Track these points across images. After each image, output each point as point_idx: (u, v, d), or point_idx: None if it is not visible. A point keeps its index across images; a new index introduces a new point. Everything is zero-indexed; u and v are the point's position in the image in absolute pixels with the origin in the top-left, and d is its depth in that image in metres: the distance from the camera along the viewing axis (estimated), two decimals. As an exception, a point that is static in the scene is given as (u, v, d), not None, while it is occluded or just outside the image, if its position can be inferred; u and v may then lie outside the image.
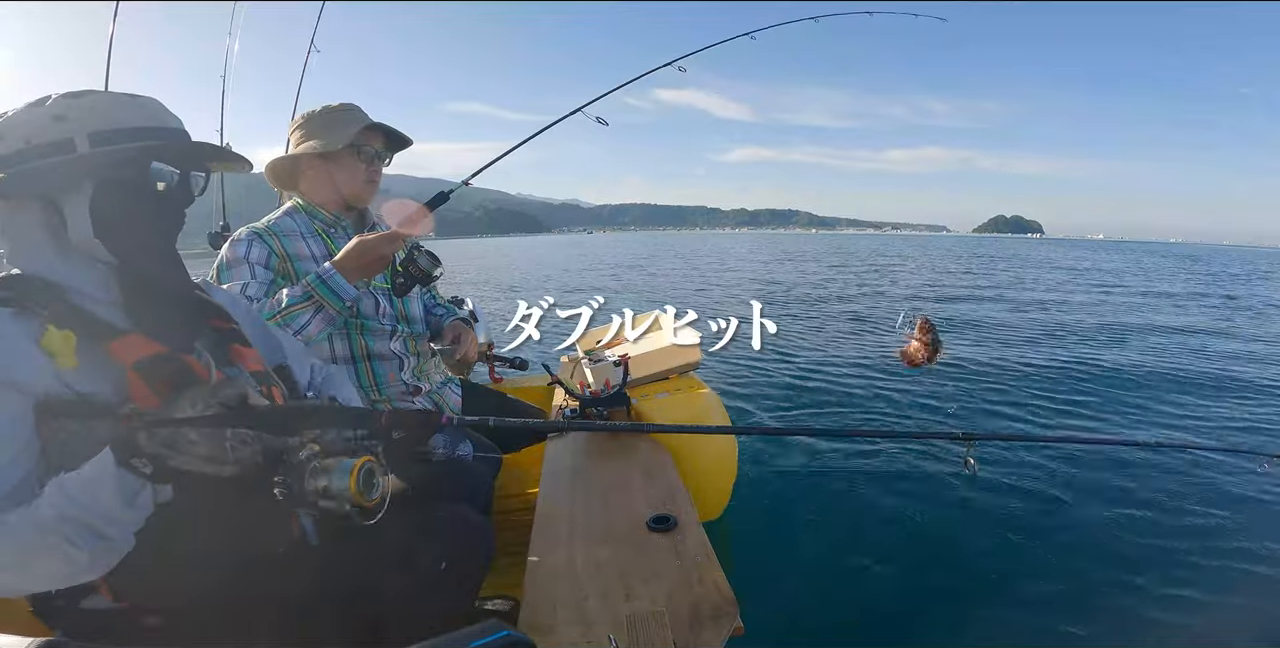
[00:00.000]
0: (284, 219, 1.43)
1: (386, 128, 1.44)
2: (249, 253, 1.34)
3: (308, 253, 1.40)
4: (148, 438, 0.64)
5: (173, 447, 0.64)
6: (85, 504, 0.62)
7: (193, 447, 0.64)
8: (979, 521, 2.39)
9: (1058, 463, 2.89)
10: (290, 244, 1.39)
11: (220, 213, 2.80)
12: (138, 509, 0.65)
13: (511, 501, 2.06)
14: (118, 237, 0.75)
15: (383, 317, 1.45)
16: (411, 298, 1.53)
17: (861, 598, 1.86)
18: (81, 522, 0.62)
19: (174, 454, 0.64)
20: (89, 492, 0.62)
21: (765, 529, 2.28)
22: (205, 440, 0.65)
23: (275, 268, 1.36)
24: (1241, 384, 4.57)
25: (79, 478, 0.63)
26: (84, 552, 0.62)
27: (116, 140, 0.73)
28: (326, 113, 1.43)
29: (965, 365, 4.90)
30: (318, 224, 1.44)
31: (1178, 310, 9.55)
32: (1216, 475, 2.74)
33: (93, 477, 0.63)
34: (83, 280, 0.75)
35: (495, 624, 0.44)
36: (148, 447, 0.64)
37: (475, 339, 1.63)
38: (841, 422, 3.67)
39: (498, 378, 2.66)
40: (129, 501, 0.64)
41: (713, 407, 1.77)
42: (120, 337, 0.72)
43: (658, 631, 0.88)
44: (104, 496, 0.62)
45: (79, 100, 0.74)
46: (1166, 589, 1.94)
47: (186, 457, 0.65)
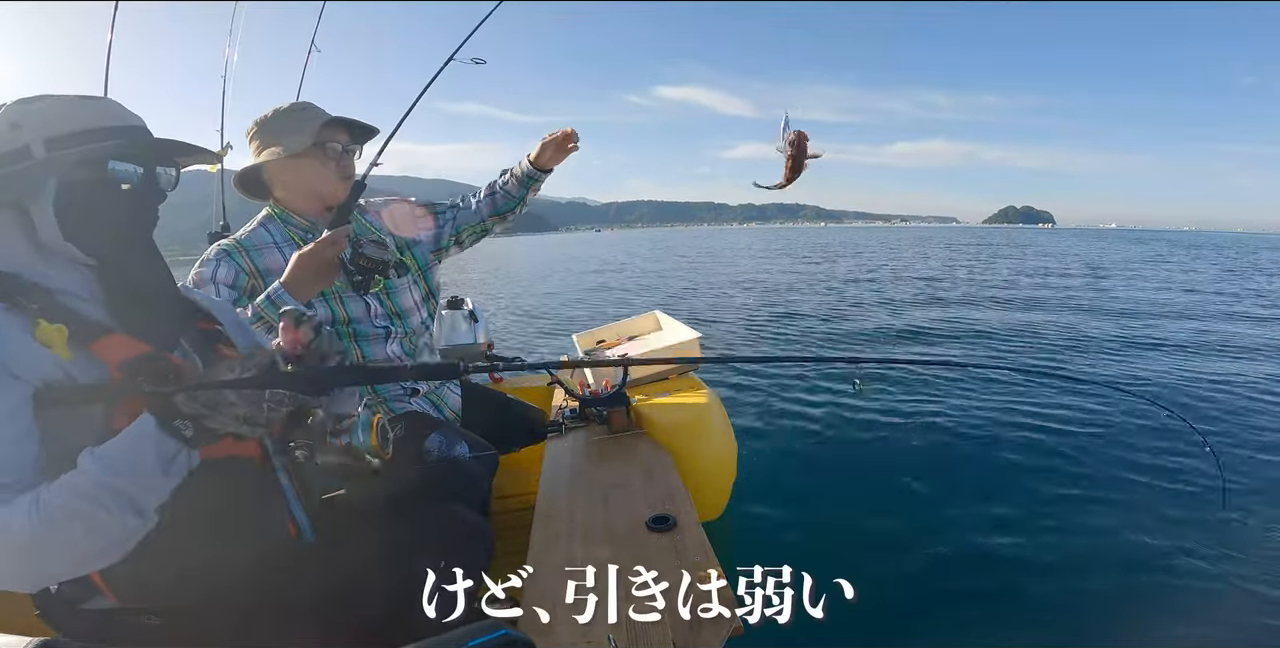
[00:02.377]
0: (258, 230, 1.40)
1: (347, 120, 1.40)
2: (215, 273, 1.32)
3: (281, 265, 1.34)
4: (187, 401, 0.67)
5: (214, 408, 0.67)
6: (124, 470, 0.64)
7: (232, 408, 0.68)
8: (979, 521, 2.39)
9: (1062, 461, 2.89)
10: (261, 258, 1.36)
11: (221, 213, 2.80)
12: (172, 477, 0.68)
13: (511, 501, 2.06)
14: (88, 238, 0.75)
15: (375, 318, 1.43)
16: (399, 289, 1.48)
17: (861, 598, 1.86)
18: (117, 489, 0.64)
19: (214, 415, 0.67)
20: (129, 457, 0.65)
21: (765, 529, 2.28)
22: (244, 401, 0.68)
23: (242, 287, 1.33)
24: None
25: (118, 444, 0.65)
26: (116, 521, 0.64)
27: (73, 143, 0.73)
28: (280, 116, 1.38)
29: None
30: (293, 231, 1.41)
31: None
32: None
33: (133, 441, 0.65)
34: (66, 281, 0.75)
35: (493, 624, 0.44)
36: (187, 409, 0.67)
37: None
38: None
39: (497, 378, 2.67)
40: (166, 466, 0.66)
41: (713, 407, 1.77)
42: (104, 336, 0.73)
43: (657, 631, 0.88)
44: (145, 460, 0.65)
45: (32, 106, 0.74)
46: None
47: (226, 418, 0.68)
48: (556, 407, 1.98)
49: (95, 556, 0.67)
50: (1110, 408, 3.65)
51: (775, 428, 3.48)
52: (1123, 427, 3.55)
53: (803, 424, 3.54)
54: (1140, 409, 3.49)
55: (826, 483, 2.78)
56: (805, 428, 3.47)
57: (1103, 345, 5.75)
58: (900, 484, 2.74)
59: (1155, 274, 14.20)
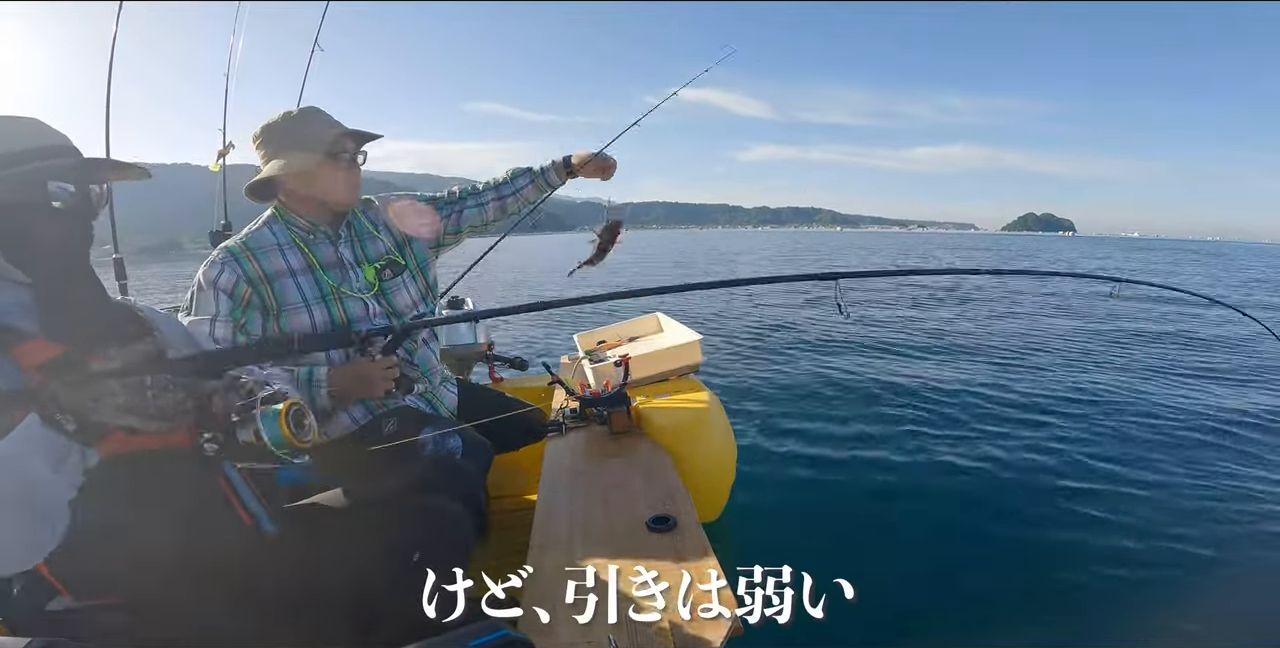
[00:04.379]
0: (263, 231, 1.41)
1: (358, 132, 1.41)
2: (219, 277, 1.32)
3: (285, 267, 1.38)
4: (69, 394, 0.65)
5: (96, 399, 0.65)
6: (13, 468, 0.62)
7: (114, 398, 0.66)
8: (979, 521, 2.39)
9: (1066, 458, 2.89)
10: (268, 261, 1.37)
11: (223, 212, 2.80)
12: (66, 474, 0.65)
13: (511, 500, 2.06)
14: (22, 258, 0.75)
15: (374, 317, 1.43)
16: (395, 288, 1.49)
17: (861, 598, 1.86)
18: (4, 492, 0.61)
19: (97, 407, 0.65)
20: (16, 455, 0.62)
21: (765, 529, 2.28)
22: (126, 390, 0.66)
23: (240, 296, 1.33)
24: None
25: (6, 444, 0.63)
26: (15, 521, 0.62)
27: (12, 164, 0.72)
28: (289, 122, 1.38)
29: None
30: (295, 233, 1.41)
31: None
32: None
33: (20, 440, 0.63)
34: (2, 299, 0.75)
35: (493, 624, 0.44)
36: (69, 403, 0.64)
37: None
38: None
39: (498, 378, 2.67)
40: (56, 464, 0.64)
41: (712, 408, 1.77)
42: (24, 342, 0.72)
43: (657, 631, 0.88)
44: (32, 458, 0.63)
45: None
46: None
47: (110, 409, 0.66)
48: (557, 407, 1.99)
49: (10, 554, 0.65)
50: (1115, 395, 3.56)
51: (775, 429, 3.48)
52: (1124, 414, 3.56)
53: (802, 425, 3.54)
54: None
55: (826, 483, 2.78)
56: (805, 428, 3.47)
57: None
58: (901, 484, 2.75)
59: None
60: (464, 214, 1.62)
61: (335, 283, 1.41)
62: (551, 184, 1.68)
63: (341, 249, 1.44)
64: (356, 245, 1.47)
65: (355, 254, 1.46)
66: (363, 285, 1.44)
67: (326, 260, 1.42)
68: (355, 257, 1.46)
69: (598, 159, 1.66)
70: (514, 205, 1.67)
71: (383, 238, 1.51)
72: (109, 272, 2.38)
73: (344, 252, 1.44)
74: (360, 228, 1.49)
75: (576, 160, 1.66)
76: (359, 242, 1.48)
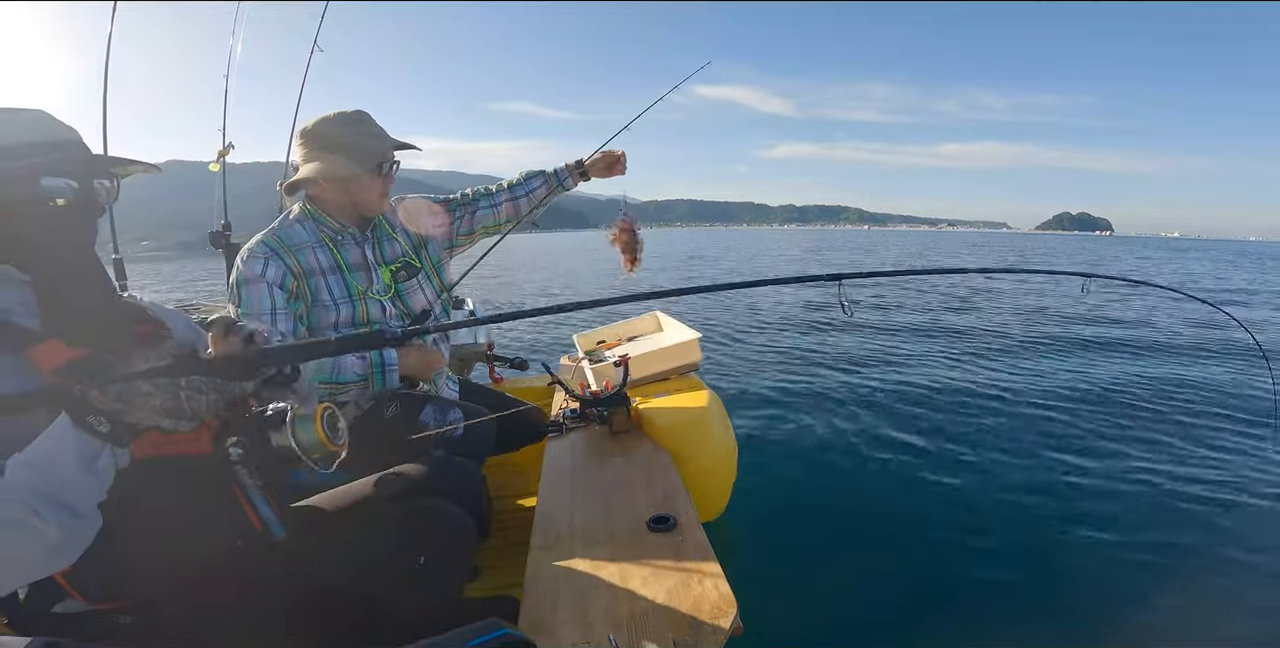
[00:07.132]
0: (295, 229, 1.41)
1: (399, 142, 1.44)
2: (265, 271, 1.33)
3: (317, 266, 1.39)
4: (101, 395, 0.64)
5: (127, 401, 0.64)
6: (46, 471, 0.61)
7: (147, 399, 0.64)
8: (981, 521, 2.38)
9: (1056, 471, 2.89)
10: (304, 258, 1.38)
11: (223, 211, 2.81)
12: (98, 475, 0.65)
13: (511, 500, 2.07)
14: (22, 257, 0.74)
15: (390, 319, 1.46)
16: (410, 291, 1.51)
17: (862, 598, 1.86)
18: (44, 492, 0.61)
19: (129, 409, 0.64)
20: (48, 457, 0.62)
21: (765, 529, 2.28)
22: (159, 391, 0.65)
23: (289, 289, 1.36)
24: None
25: (38, 446, 0.63)
26: (51, 524, 0.61)
27: (4, 159, 0.70)
28: (337, 126, 1.37)
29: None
30: (324, 232, 1.43)
31: None
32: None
33: (52, 441, 0.63)
34: (3, 298, 0.74)
35: (494, 623, 0.44)
36: (101, 404, 0.64)
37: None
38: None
39: (498, 378, 2.67)
40: (88, 465, 0.64)
41: (713, 408, 1.77)
42: (39, 343, 0.72)
43: (657, 631, 0.88)
44: (63, 460, 0.62)
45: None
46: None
47: (142, 410, 0.64)
48: (557, 407, 1.99)
49: (46, 558, 0.64)
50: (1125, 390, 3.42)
51: (775, 429, 3.48)
52: (1135, 413, 3.54)
53: (803, 425, 3.54)
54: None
55: (827, 483, 2.78)
56: (805, 428, 3.47)
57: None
58: (901, 484, 2.74)
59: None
60: (477, 215, 1.65)
61: (363, 286, 1.43)
62: (565, 186, 1.70)
63: (366, 251, 1.47)
64: (377, 248, 1.50)
65: (375, 256, 1.49)
66: (381, 287, 1.47)
67: (353, 262, 1.45)
68: (375, 259, 1.48)
69: (603, 157, 1.69)
70: (527, 206, 1.69)
71: (400, 240, 1.54)
72: (108, 272, 2.38)
73: (368, 253, 1.47)
74: (382, 231, 1.52)
75: (587, 161, 1.69)
76: (379, 244, 1.50)
